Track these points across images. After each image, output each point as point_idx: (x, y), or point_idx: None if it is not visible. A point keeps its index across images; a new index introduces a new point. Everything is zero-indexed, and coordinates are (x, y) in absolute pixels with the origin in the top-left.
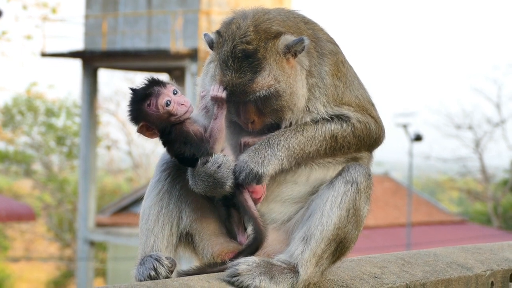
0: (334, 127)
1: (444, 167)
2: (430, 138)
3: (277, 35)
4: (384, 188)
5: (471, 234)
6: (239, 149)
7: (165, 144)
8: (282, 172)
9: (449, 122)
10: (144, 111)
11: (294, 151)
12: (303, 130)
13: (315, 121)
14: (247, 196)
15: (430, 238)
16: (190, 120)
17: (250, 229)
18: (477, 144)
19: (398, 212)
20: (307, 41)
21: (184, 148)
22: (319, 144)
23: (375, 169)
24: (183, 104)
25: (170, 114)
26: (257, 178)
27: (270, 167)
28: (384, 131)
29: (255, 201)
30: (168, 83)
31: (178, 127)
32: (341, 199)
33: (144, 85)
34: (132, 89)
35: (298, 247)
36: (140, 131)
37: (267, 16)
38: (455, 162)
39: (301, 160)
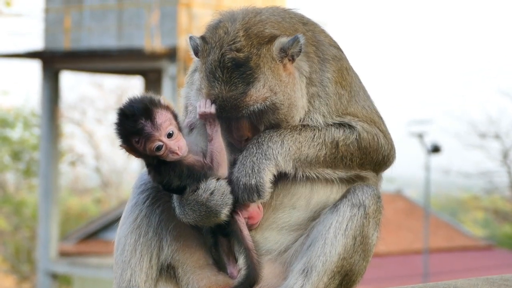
0: (335, 132)
1: (466, 183)
2: (450, 149)
3: (271, 39)
4: (397, 208)
5: (499, 261)
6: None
7: (149, 168)
8: (276, 196)
9: (471, 130)
10: (131, 143)
11: (289, 149)
12: (300, 130)
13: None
14: (242, 224)
15: (451, 267)
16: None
17: (241, 259)
18: (505, 155)
19: (413, 237)
20: (302, 39)
21: (179, 182)
22: (318, 148)
23: (385, 186)
24: (175, 152)
25: (159, 156)
26: (256, 191)
27: (264, 172)
28: (394, 150)
29: (250, 227)
30: (164, 122)
31: (170, 162)
32: (347, 225)
33: (135, 115)
34: (122, 112)
35: (297, 281)
36: (123, 147)
37: (258, 17)
38: (480, 177)
39: (299, 164)
